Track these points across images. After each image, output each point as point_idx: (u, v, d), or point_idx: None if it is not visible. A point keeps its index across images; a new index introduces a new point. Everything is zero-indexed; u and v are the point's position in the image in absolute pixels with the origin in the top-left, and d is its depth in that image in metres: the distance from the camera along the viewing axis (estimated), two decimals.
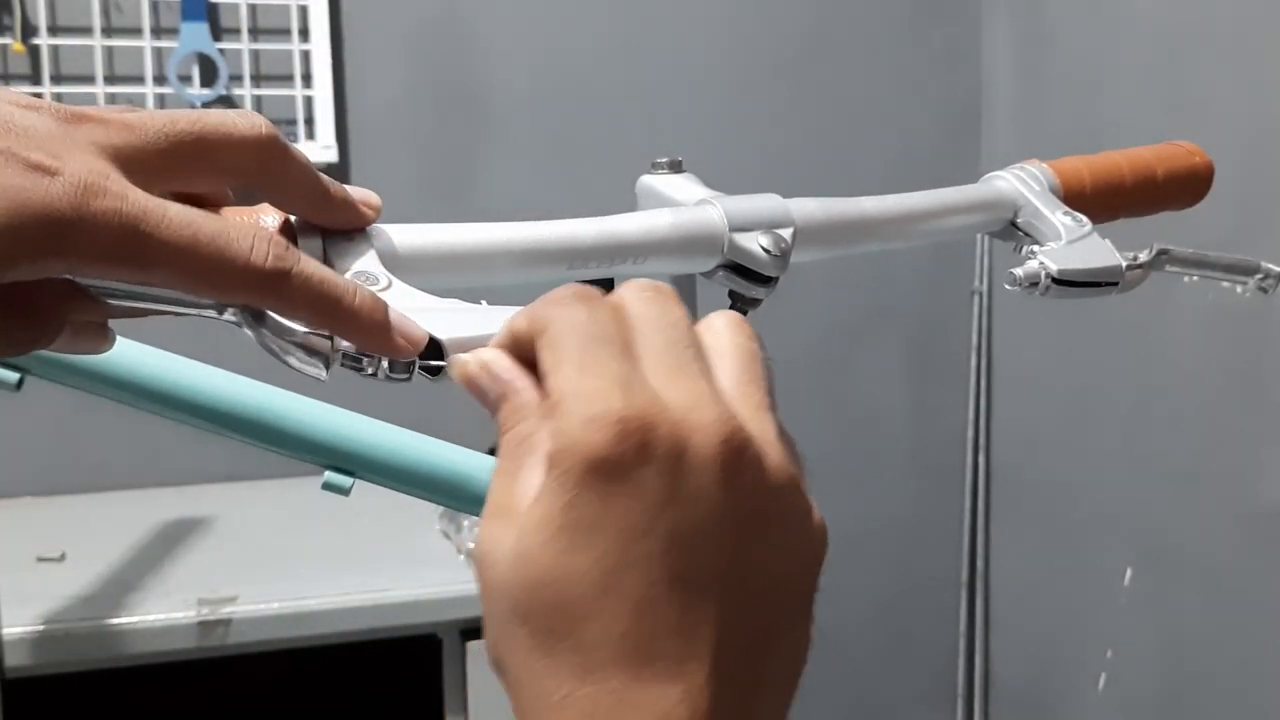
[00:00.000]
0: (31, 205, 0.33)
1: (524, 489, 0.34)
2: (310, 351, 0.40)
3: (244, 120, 0.39)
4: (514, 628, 0.33)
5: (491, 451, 1.61)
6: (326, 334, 0.40)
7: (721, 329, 0.38)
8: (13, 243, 0.33)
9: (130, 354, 0.62)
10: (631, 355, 0.35)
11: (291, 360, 0.40)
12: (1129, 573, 1.80)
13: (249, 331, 0.40)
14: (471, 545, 1.48)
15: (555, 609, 0.33)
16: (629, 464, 0.33)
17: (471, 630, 1.43)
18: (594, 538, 0.33)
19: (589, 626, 0.33)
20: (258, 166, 0.39)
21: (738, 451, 0.34)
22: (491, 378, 0.38)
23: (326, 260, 0.43)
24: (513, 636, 0.33)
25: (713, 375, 0.36)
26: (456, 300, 0.43)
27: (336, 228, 0.43)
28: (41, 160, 0.33)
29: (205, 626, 1.32)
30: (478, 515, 0.71)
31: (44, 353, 0.60)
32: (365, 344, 0.39)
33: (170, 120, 0.37)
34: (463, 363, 0.39)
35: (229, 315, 0.39)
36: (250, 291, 0.37)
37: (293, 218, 0.43)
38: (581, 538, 0.33)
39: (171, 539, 1.58)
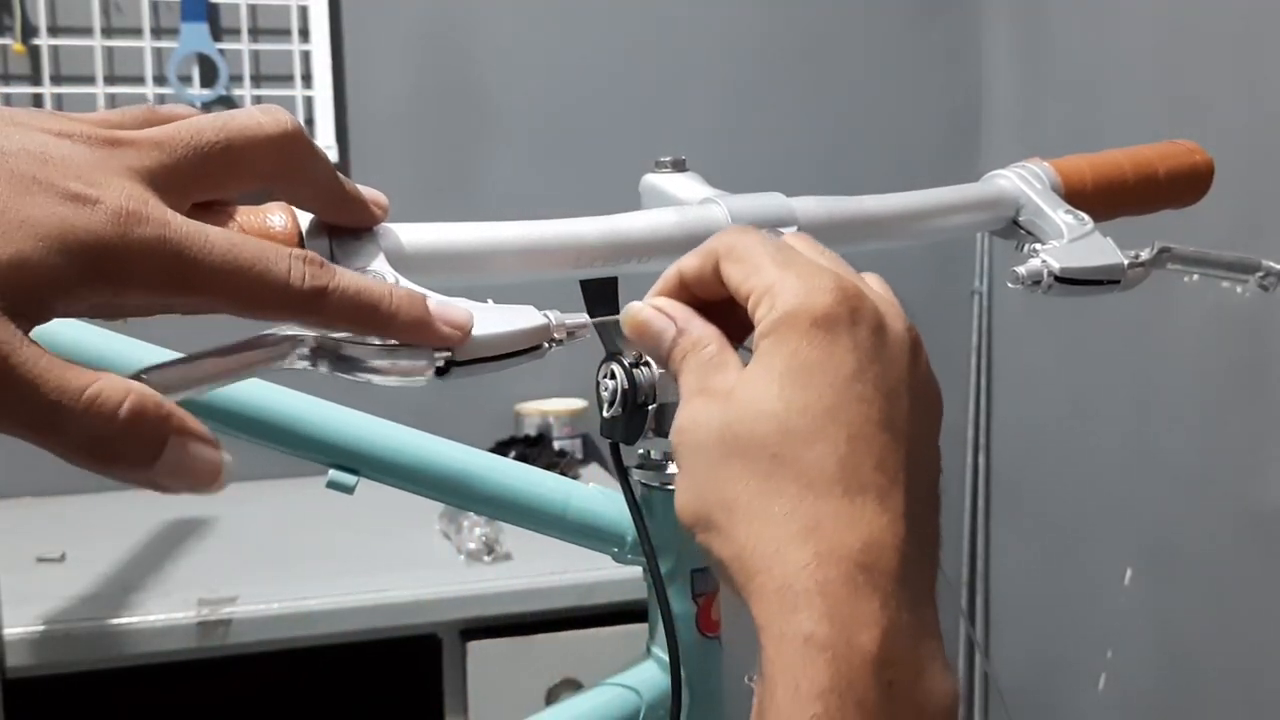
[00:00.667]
0: (76, 233, 0.33)
1: (721, 380, 0.40)
2: (405, 362, 0.40)
3: (268, 118, 0.39)
4: (732, 465, 0.38)
5: (494, 450, 1.61)
6: (403, 345, 0.40)
7: (869, 277, 0.44)
8: (60, 270, 0.33)
9: (132, 352, 0.62)
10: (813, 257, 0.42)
11: (389, 380, 0.40)
12: (1129, 573, 1.80)
13: (331, 370, 0.40)
14: (471, 545, 1.48)
15: (782, 436, 0.37)
16: (845, 321, 0.38)
17: (471, 630, 1.43)
18: (817, 376, 0.38)
19: (812, 450, 0.37)
20: (282, 166, 0.40)
21: (917, 340, 0.41)
22: (666, 318, 0.43)
23: (333, 260, 0.43)
24: (731, 472, 0.38)
25: None
26: (463, 299, 0.43)
27: (348, 226, 0.44)
28: (81, 190, 0.33)
29: (205, 626, 1.32)
30: (480, 512, 0.71)
31: (47, 349, 0.60)
32: (412, 340, 0.40)
33: (196, 132, 0.37)
34: (635, 310, 0.45)
35: (300, 363, 0.39)
36: (291, 311, 0.37)
37: (302, 215, 0.43)
38: (805, 376, 0.38)
39: (172, 539, 1.58)
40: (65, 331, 0.61)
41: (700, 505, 0.39)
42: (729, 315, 0.43)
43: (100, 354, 0.61)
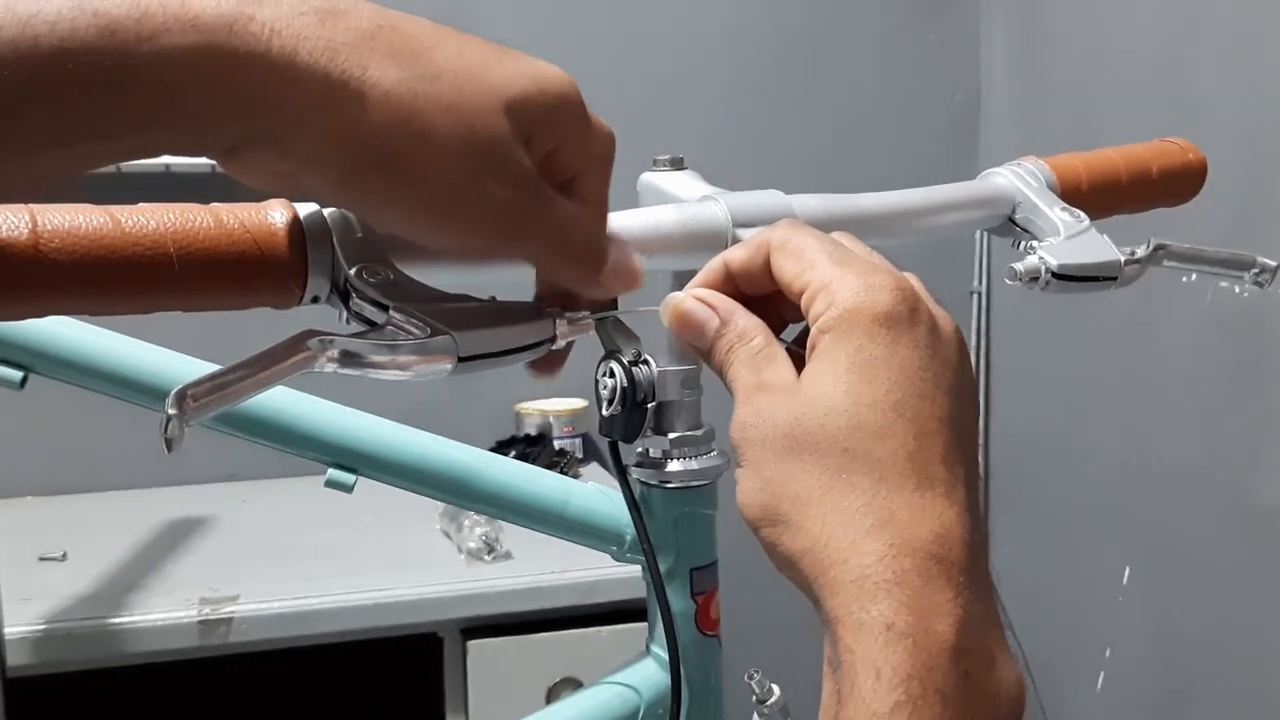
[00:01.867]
0: (547, 80, 0.41)
1: (775, 374, 0.41)
2: (426, 364, 0.42)
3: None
4: (803, 459, 0.38)
5: (494, 449, 1.60)
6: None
7: (909, 277, 0.44)
8: (542, 109, 0.40)
9: (131, 351, 0.62)
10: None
11: (408, 376, 0.42)
12: (1127, 572, 1.80)
13: (359, 370, 0.41)
14: (472, 544, 1.48)
15: (853, 431, 0.37)
16: (905, 320, 0.39)
17: (472, 629, 1.44)
18: (882, 373, 0.38)
19: (883, 445, 0.37)
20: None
21: (963, 341, 0.42)
22: (708, 309, 0.43)
23: (339, 258, 0.43)
24: (801, 467, 0.38)
25: None
26: (466, 295, 0.43)
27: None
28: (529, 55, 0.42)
29: (206, 626, 1.33)
30: (479, 511, 0.71)
31: (47, 350, 0.60)
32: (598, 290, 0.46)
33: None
34: (677, 300, 0.44)
35: (329, 365, 0.41)
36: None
37: (302, 209, 0.43)
38: (871, 372, 0.38)
39: (173, 538, 1.58)
40: (65, 331, 0.61)
41: (769, 499, 0.39)
42: (767, 310, 0.44)
43: (100, 353, 0.61)
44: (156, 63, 0.32)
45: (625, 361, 0.53)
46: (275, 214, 0.42)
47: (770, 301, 0.44)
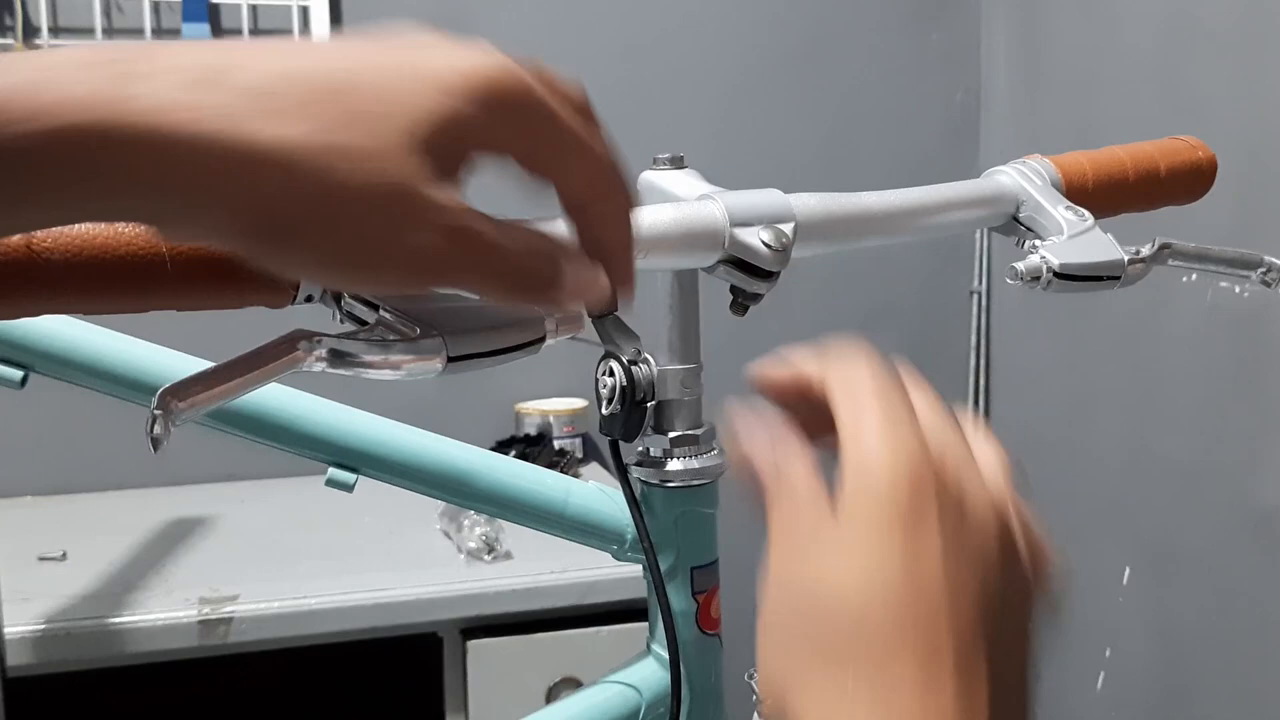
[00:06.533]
0: (482, 74, 0.37)
1: (811, 538, 0.37)
2: (415, 363, 0.42)
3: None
4: (809, 645, 0.36)
5: (494, 448, 1.59)
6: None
7: (978, 437, 0.43)
8: (475, 117, 0.37)
9: (130, 350, 0.62)
10: (914, 414, 0.39)
11: (399, 376, 0.42)
12: (1127, 572, 1.80)
13: (348, 370, 0.41)
14: (472, 544, 1.48)
15: (867, 639, 0.35)
16: (932, 513, 0.36)
17: (472, 629, 1.43)
18: (898, 571, 0.35)
19: (895, 657, 0.35)
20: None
21: (1004, 524, 0.39)
22: (770, 461, 0.39)
23: None
24: (808, 658, 0.36)
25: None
26: (458, 294, 0.43)
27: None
28: (468, 44, 0.39)
29: (206, 625, 1.32)
30: (479, 510, 0.71)
31: (47, 349, 0.60)
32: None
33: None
34: (741, 440, 0.40)
35: (318, 365, 0.40)
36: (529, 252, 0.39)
37: None
38: (890, 565, 0.35)
39: (173, 538, 1.58)
40: (65, 330, 0.61)
41: (776, 692, 0.37)
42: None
43: (100, 351, 0.61)
44: (24, 147, 0.30)
45: (625, 360, 0.52)
46: None
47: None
